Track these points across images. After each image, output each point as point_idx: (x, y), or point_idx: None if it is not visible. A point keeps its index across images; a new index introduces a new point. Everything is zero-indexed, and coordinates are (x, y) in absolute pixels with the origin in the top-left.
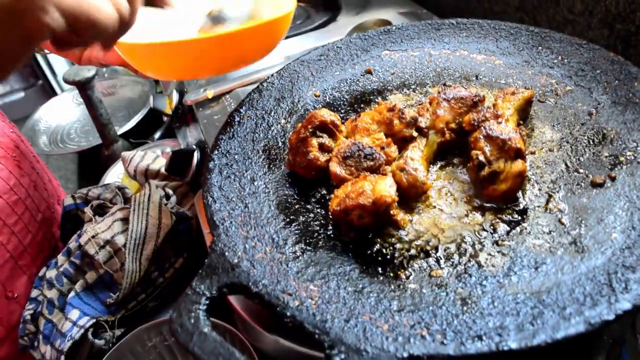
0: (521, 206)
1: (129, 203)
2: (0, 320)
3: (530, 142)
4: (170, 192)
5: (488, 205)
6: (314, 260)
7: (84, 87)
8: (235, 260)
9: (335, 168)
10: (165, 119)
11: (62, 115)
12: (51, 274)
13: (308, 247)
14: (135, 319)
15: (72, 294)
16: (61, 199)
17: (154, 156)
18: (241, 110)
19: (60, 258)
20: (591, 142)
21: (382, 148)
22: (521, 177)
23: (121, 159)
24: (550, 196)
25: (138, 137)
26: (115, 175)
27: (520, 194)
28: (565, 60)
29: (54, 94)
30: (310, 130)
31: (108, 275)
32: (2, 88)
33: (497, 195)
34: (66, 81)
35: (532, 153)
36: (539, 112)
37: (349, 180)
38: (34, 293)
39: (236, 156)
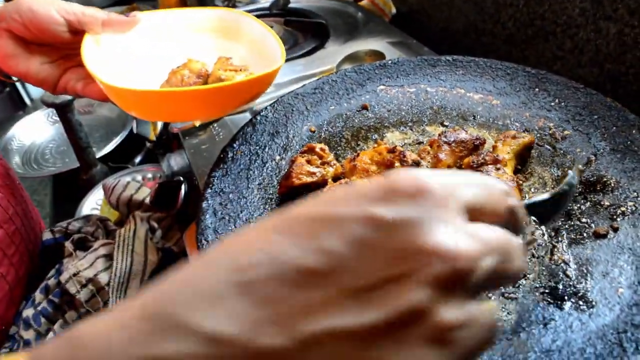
0: (524, 255)
1: (111, 237)
2: None
3: (530, 188)
4: (155, 225)
5: None
6: None
7: (63, 110)
8: None
9: None
10: (147, 144)
11: (36, 134)
12: (28, 312)
13: None
14: None
15: (50, 334)
16: (42, 227)
17: (137, 185)
18: (234, 145)
19: (38, 296)
20: (591, 190)
21: None
22: None
23: (102, 188)
24: (554, 246)
25: (117, 160)
26: (93, 201)
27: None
28: (563, 104)
29: (23, 104)
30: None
31: (89, 315)
32: None
33: None
34: (45, 103)
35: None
36: (537, 156)
37: None
38: (12, 329)
39: (230, 195)
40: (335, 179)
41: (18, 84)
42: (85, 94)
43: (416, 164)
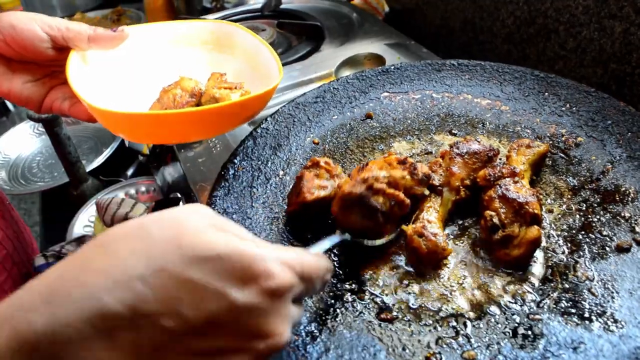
0: (546, 272)
1: None
2: None
3: (546, 199)
4: None
5: (508, 270)
6: (333, 342)
7: (50, 125)
8: None
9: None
10: (140, 157)
11: (21, 147)
12: None
13: (325, 326)
14: None
15: None
16: (35, 248)
17: (132, 202)
18: (235, 160)
19: None
20: (610, 201)
21: (393, 206)
22: (536, 244)
23: (95, 206)
24: (576, 262)
25: (108, 174)
26: (85, 219)
27: (542, 257)
28: (574, 109)
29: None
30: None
31: None
32: None
33: (508, 261)
34: (31, 118)
35: (550, 211)
36: (552, 166)
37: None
38: None
39: (234, 216)
40: None
41: None
42: (72, 115)
43: (427, 177)
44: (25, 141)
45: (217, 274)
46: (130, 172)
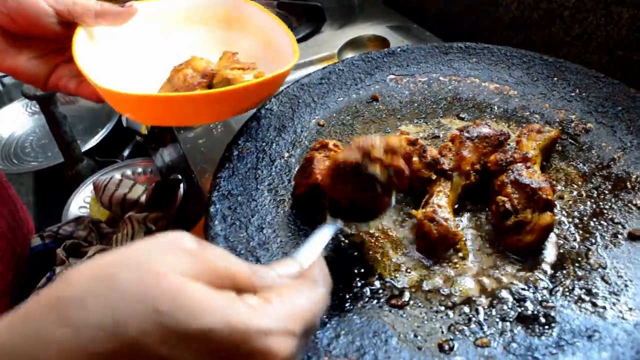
0: (558, 259)
1: (105, 241)
2: None
3: (557, 186)
4: (152, 227)
5: (520, 257)
6: (343, 327)
7: (45, 103)
8: None
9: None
10: (138, 137)
11: (14, 126)
12: None
13: (334, 311)
14: None
15: None
16: (31, 227)
17: (130, 183)
18: (239, 142)
19: None
20: (621, 188)
21: (390, 177)
22: (548, 230)
23: (93, 186)
24: (588, 249)
25: (104, 154)
26: (81, 199)
27: (553, 244)
28: (584, 94)
29: None
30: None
31: None
32: None
33: (520, 247)
34: (26, 95)
35: (561, 198)
36: (561, 152)
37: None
38: None
39: (239, 198)
40: None
41: None
42: (79, 94)
43: (435, 161)
44: (18, 120)
45: (203, 356)
46: (126, 153)
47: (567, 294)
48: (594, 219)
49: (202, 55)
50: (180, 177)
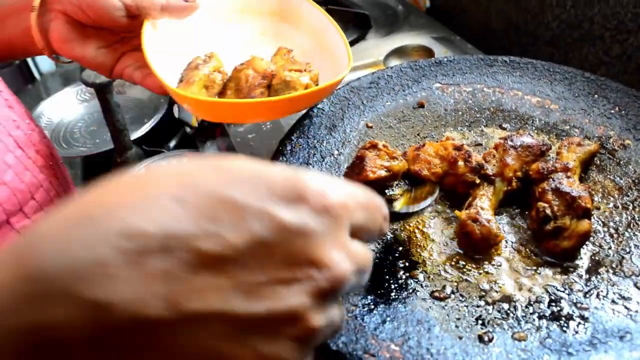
0: (592, 265)
1: None
2: None
3: (594, 197)
4: None
5: (556, 261)
6: (389, 314)
7: (102, 91)
8: None
9: None
10: (188, 129)
11: (64, 112)
12: None
13: (380, 299)
14: None
15: None
16: None
17: None
18: (292, 137)
19: None
20: None
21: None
22: (586, 237)
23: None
24: (622, 258)
25: (151, 144)
26: None
27: (589, 251)
28: (623, 112)
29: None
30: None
31: None
32: None
33: (557, 252)
34: (85, 83)
35: (597, 208)
36: (599, 165)
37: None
38: None
39: None
40: (405, 175)
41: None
42: (144, 86)
43: (480, 166)
44: (68, 107)
45: (261, 193)
46: (172, 143)
47: (601, 297)
48: (629, 229)
49: (256, 47)
50: None
